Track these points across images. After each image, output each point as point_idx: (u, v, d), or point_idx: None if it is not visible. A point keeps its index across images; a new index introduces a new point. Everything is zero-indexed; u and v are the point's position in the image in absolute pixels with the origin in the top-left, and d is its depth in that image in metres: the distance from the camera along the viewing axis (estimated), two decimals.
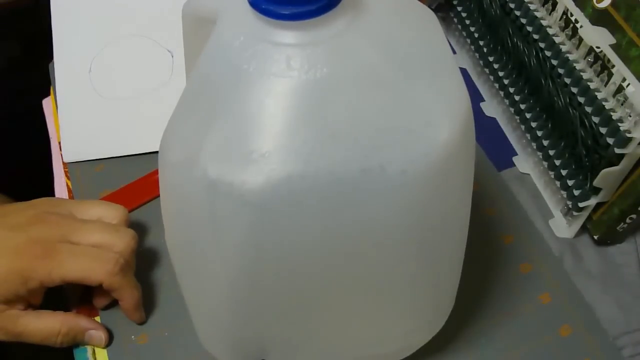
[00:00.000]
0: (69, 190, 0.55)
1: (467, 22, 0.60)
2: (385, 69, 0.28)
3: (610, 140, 0.43)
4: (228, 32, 0.29)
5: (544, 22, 0.49)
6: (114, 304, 0.46)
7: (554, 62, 0.47)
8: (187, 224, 0.31)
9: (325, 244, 0.29)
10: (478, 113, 0.59)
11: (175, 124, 0.30)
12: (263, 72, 0.27)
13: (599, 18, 0.46)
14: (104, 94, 0.59)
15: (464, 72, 0.62)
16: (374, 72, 0.28)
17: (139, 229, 0.50)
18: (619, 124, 0.42)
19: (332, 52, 0.27)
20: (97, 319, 0.47)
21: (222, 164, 0.27)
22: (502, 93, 0.56)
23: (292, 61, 0.27)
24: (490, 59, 0.57)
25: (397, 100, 0.28)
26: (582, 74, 0.45)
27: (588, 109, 0.45)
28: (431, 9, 0.36)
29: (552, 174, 0.51)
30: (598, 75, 0.44)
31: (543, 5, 0.49)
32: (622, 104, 0.43)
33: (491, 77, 0.58)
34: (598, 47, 0.44)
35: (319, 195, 0.27)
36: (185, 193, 0.29)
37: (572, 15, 0.46)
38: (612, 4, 0.45)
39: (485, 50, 0.58)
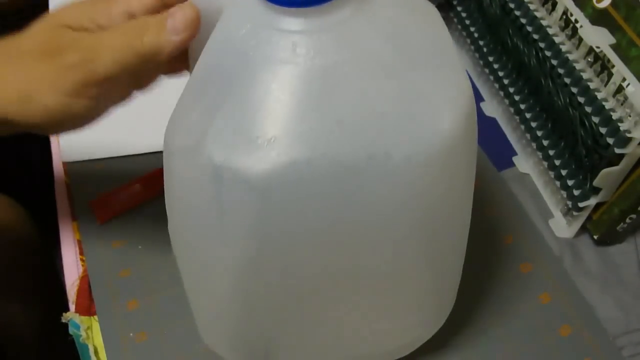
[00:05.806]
0: (68, 189, 0.54)
1: (467, 22, 0.60)
2: (390, 56, 0.28)
3: (610, 140, 0.43)
4: (234, 20, 0.29)
5: (543, 22, 0.49)
6: (111, 302, 0.46)
7: (554, 62, 0.48)
8: (192, 212, 0.31)
9: (330, 229, 0.29)
10: (478, 113, 0.59)
11: (181, 111, 0.30)
12: (269, 59, 0.27)
13: (599, 18, 0.46)
14: None
15: None
16: (379, 59, 0.28)
17: (138, 228, 0.50)
18: (619, 124, 0.42)
19: (338, 39, 0.27)
20: (95, 318, 0.46)
21: (228, 150, 0.27)
22: (502, 93, 0.56)
23: (298, 48, 0.27)
24: (490, 59, 0.57)
25: (401, 88, 0.28)
26: (582, 74, 0.45)
27: (588, 109, 0.45)
28: None
29: (552, 174, 0.51)
30: (598, 75, 0.45)
31: (543, 5, 0.50)
32: (622, 104, 0.43)
33: (491, 77, 0.58)
34: (598, 47, 0.44)
35: (325, 181, 0.27)
36: (191, 180, 0.29)
37: (572, 15, 0.47)
38: (612, 4, 0.45)
39: (485, 50, 0.58)
